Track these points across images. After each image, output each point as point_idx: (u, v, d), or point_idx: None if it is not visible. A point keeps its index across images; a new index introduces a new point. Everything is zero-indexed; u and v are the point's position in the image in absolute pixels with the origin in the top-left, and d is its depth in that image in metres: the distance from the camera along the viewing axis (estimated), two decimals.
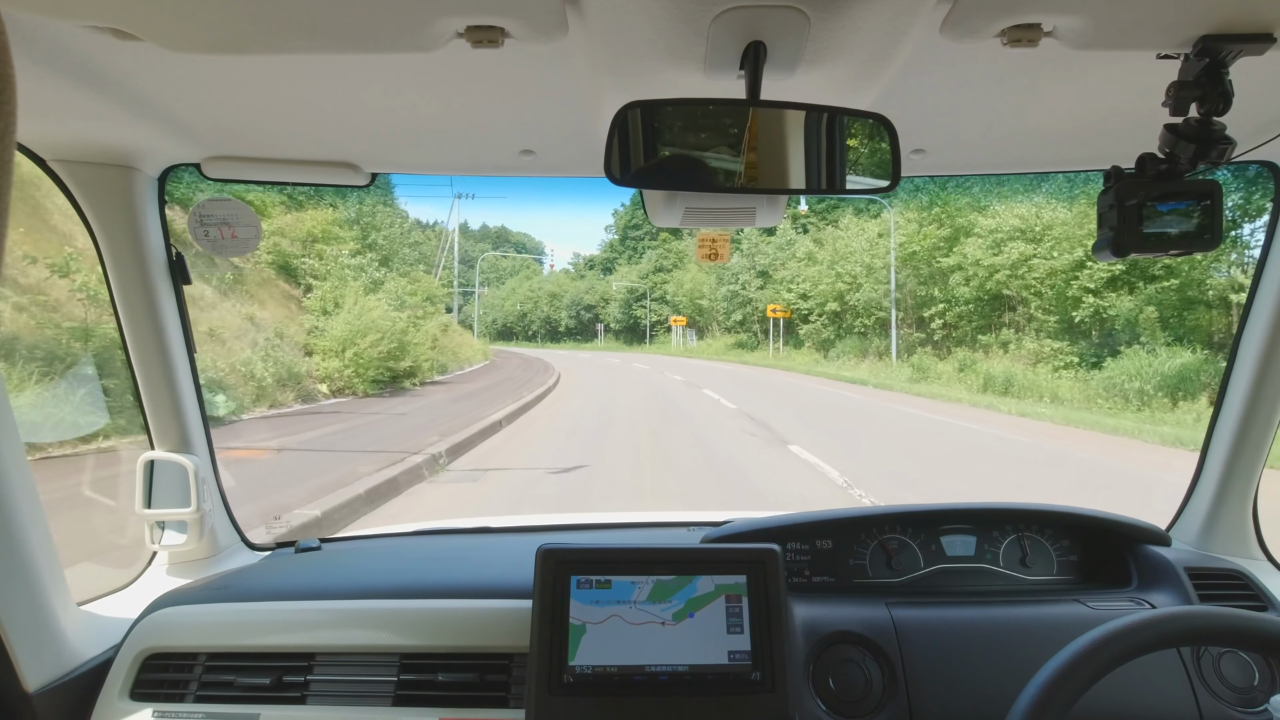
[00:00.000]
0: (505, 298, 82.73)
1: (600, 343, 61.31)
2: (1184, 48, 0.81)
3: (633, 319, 59.04)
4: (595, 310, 67.45)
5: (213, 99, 1.09)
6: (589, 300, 68.79)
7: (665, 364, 29.17)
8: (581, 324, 70.19)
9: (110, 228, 1.31)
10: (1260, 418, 1.40)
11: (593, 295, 68.51)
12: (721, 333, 44.30)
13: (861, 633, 1.19)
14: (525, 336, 75.99)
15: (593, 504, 6.24)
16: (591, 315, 68.13)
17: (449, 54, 0.85)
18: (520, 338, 76.24)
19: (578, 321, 70.43)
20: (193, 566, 1.50)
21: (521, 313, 77.74)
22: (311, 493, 5.51)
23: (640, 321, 57.96)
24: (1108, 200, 0.92)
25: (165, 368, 1.40)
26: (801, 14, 0.77)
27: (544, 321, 73.69)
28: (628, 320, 59.65)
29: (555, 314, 72.68)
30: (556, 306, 73.09)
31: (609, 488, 6.74)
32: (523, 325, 77.29)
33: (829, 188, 0.91)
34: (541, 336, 72.74)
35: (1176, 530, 1.58)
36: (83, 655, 1.16)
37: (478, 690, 1.14)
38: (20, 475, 1.03)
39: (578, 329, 70.40)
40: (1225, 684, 1.15)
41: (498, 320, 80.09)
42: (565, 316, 71.22)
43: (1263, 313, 1.36)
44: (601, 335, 63.76)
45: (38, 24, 0.81)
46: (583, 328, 69.86)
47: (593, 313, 67.89)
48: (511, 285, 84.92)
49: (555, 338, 70.62)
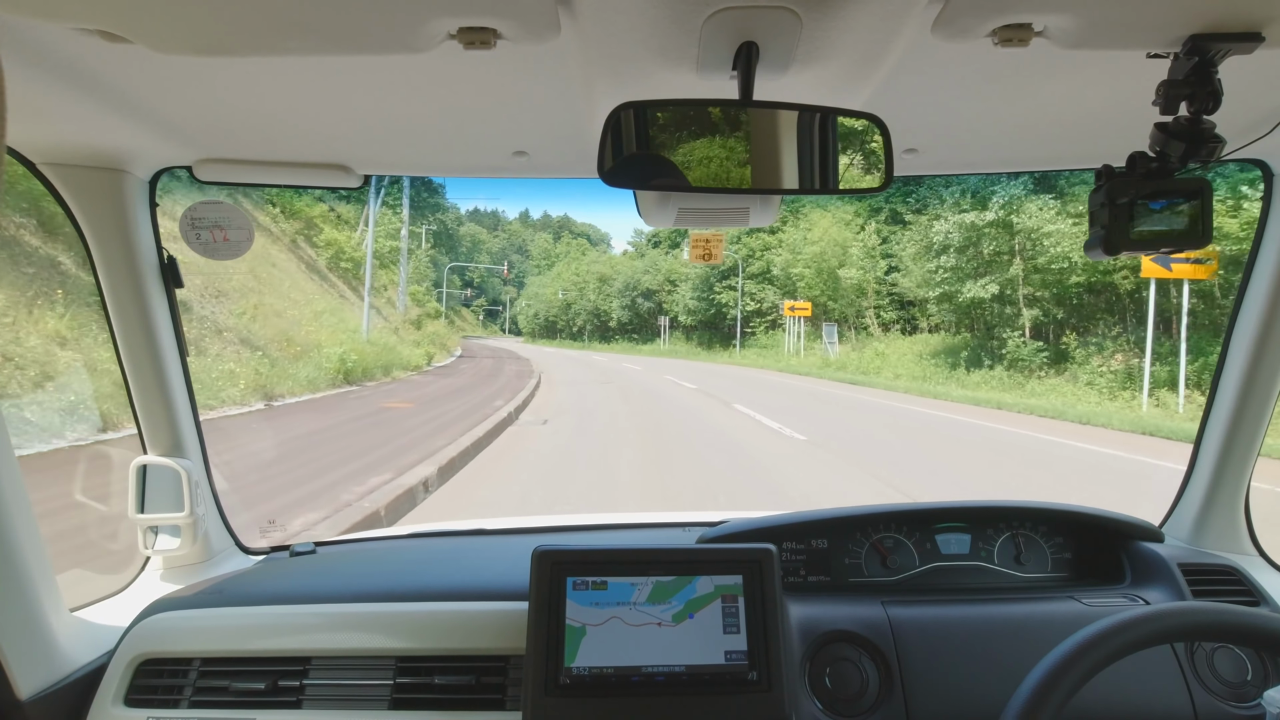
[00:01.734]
0: (547, 285, 70.39)
1: (665, 344, 45.10)
2: (1173, 47, 0.82)
3: (715, 308, 40.82)
4: (658, 297, 49.46)
5: (203, 101, 1.08)
6: (649, 283, 49.93)
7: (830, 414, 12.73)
8: (639, 317, 52.31)
9: (101, 231, 1.30)
10: (1251, 414, 1.41)
11: (654, 277, 49.62)
12: (898, 330, 26.65)
13: (857, 631, 1.19)
14: (570, 333, 62.91)
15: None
16: (653, 305, 50.02)
17: (441, 55, 0.85)
18: (564, 335, 64.13)
19: (634, 313, 52.27)
20: (186, 571, 1.49)
21: (565, 303, 63.72)
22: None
23: (725, 311, 39.70)
24: (1099, 199, 0.92)
25: (157, 371, 1.39)
26: (793, 14, 0.77)
27: (591, 314, 57.89)
28: (706, 310, 41.56)
29: (604, 303, 55.64)
30: (605, 294, 55.77)
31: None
32: (567, 319, 63.65)
33: (821, 187, 0.91)
34: (589, 334, 58.61)
35: (1169, 526, 1.59)
36: (76, 662, 1.15)
37: (474, 693, 1.14)
38: (11, 480, 1.02)
39: (634, 324, 52.83)
40: (1219, 679, 1.16)
41: (540, 314, 69.18)
42: (617, 307, 53.36)
43: (1253, 309, 1.37)
44: (666, 334, 46.89)
45: (26, 26, 0.81)
46: (640, 323, 52.30)
47: (654, 301, 49.90)
48: (557, 270, 72.24)
49: (605, 335, 55.70)
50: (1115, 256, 0.94)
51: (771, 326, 36.08)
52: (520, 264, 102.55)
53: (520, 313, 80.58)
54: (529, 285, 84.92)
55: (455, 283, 71.78)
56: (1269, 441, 1.47)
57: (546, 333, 68.47)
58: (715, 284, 40.31)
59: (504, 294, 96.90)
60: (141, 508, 1.44)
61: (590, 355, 37.55)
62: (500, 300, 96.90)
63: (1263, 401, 1.40)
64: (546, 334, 68.18)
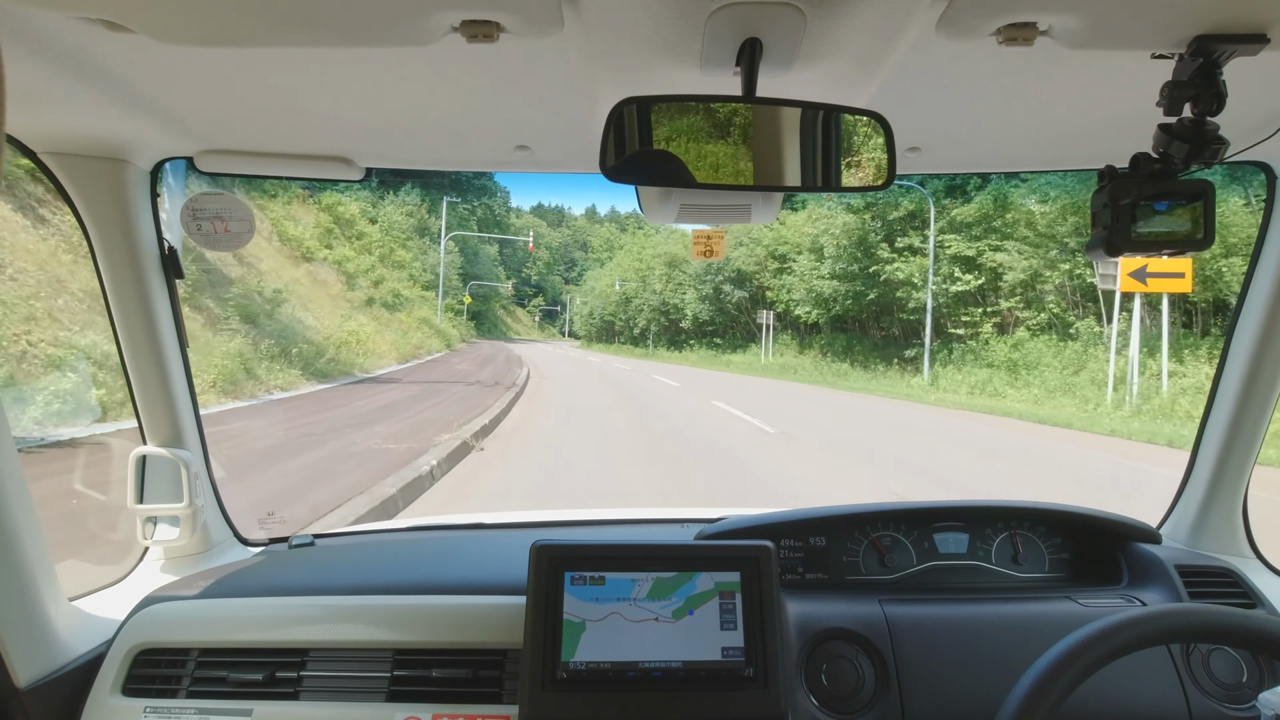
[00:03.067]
0: (603, 278, 57.42)
1: (767, 354, 28.74)
2: (1178, 48, 0.82)
3: (875, 288, 23.63)
4: (756, 282, 32.70)
5: (206, 92, 1.08)
6: (742, 262, 32.76)
7: None
8: (725, 314, 36.01)
9: (102, 221, 1.30)
10: (1251, 417, 1.41)
11: (750, 254, 32.02)
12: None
13: (854, 629, 1.19)
14: (629, 337, 48.61)
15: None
16: (747, 294, 33.62)
17: (444, 48, 0.85)
18: (623, 338, 50.39)
19: (717, 308, 35.90)
20: (185, 562, 1.49)
21: (623, 297, 48.47)
22: None
23: (896, 296, 22.98)
24: (1101, 199, 0.92)
25: (157, 362, 1.39)
26: (798, 11, 0.77)
27: (657, 310, 42.25)
28: (856, 293, 24.41)
29: (674, 295, 39.94)
30: (676, 283, 39.88)
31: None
32: (626, 317, 48.61)
33: (824, 185, 0.91)
34: (655, 337, 43.74)
35: (1167, 528, 1.59)
36: (74, 651, 1.15)
37: (471, 686, 1.14)
38: (10, 470, 1.02)
39: (719, 323, 36.76)
40: (1214, 681, 1.16)
41: (595, 312, 56.30)
42: (692, 299, 37.12)
43: (1255, 311, 1.37)
44: (769, 338, 29.50)
45: (29, 15, 0.81)
46: (727, 321, 36.37)
47: (750, 288, 33.45)
48: (617, 259, 59.08)
49: (676, 339, 41.05)
50: (1118, 256, 0.94)
51: (1002, 327, 20.05)
52: (582, 260, 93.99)
53: (577, 312, 69.48)
54: (585, 280, 75.31)
55: (500, 275, 65.75)
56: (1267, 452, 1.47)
57: (603, 335, 56.09)
58: (876, 245, 22.28)
59: (564, 293, 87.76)
60: (141, 498, 1.44)
61: (648, 372, 23.28)
62: (560, 299, 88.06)
63: (1262, 404, 1.39)
64: (603, 337, 55.93)
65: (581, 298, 69.22)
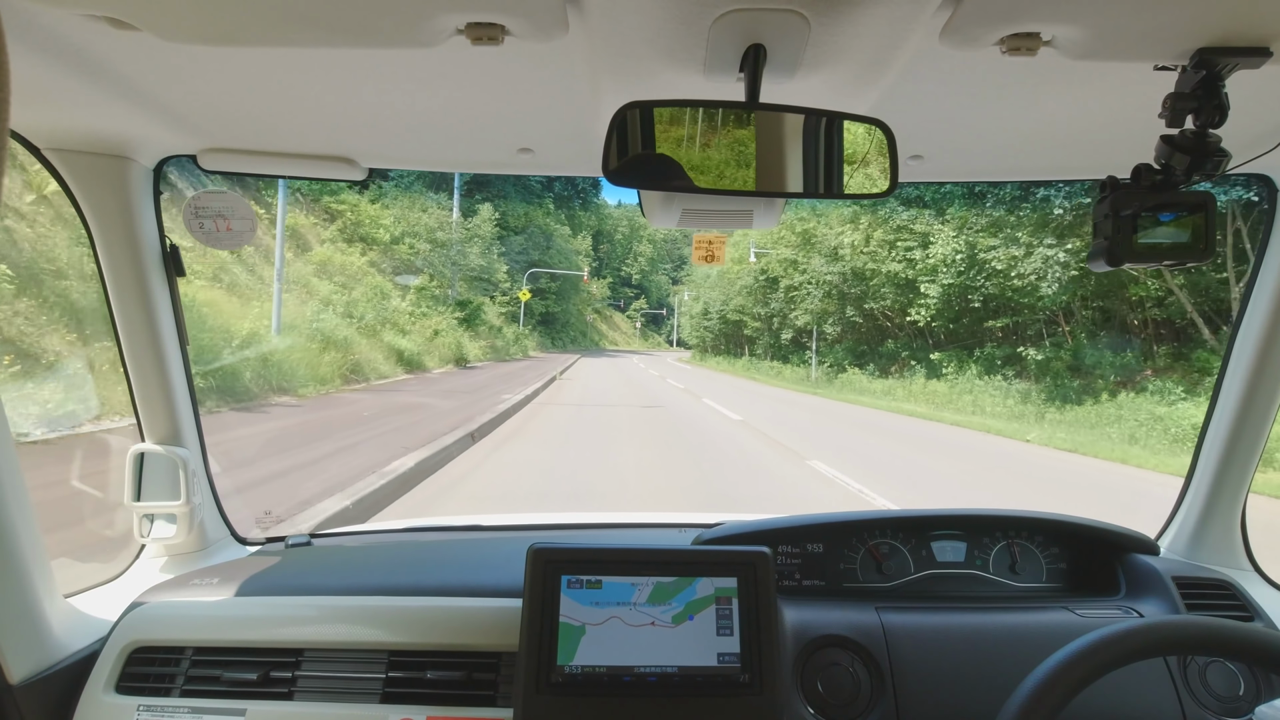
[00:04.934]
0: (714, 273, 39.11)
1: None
2: (1181, 59, 0.82)
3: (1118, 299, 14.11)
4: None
5: (210, 90, 1.08)
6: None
7: None
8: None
9: (104, 218, 1.30)
10: (1250, 429, 1.41)
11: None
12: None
13: (850, 637, 1.19)
14: (772, 347, 31.24)
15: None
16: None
17: (449, 50, 0.85)
18: (763, 347, 32.45)
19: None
20: (181, 560, 1.49)
21: (765, 281, 30.20)
22: None
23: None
24: (1103, 210, 0.92)
25: (157, 359, 1.39)
26: (802, 18, 0.77)
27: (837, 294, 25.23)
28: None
29: (881, 263, 22.66)
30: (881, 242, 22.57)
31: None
32: (765, 317, 30.75)
33: (826, 192, 0.91)
34: (832, 351, 26.77)
35: (1165, 540, 1.59)
36: (68, 648, 1.15)
37: (466, 688, 1.14)
38: (7, 466, 1.02)
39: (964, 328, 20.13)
40: (1211, 693, 1.16)
41: (712, 309, 39.56)
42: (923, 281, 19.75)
43: (1255, 323, 1.37)
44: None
45: (34, 11, 0.81)
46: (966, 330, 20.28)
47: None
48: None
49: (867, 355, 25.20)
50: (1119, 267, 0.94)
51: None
52: (679, 270, 75.25)
53: (685, 310, 54.78)
54: (694, 272, 56.59)
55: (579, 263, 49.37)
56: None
57: (727, 344, 39.62)
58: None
59: (670, 294, 73.71)
60: (138, 495, 1.44)
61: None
62: (666, 302, 74.90)
63: (1262, 417, 1.40)
64: (727, 346, 39.34)
65: (692, 291, 49.20)
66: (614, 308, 71.02)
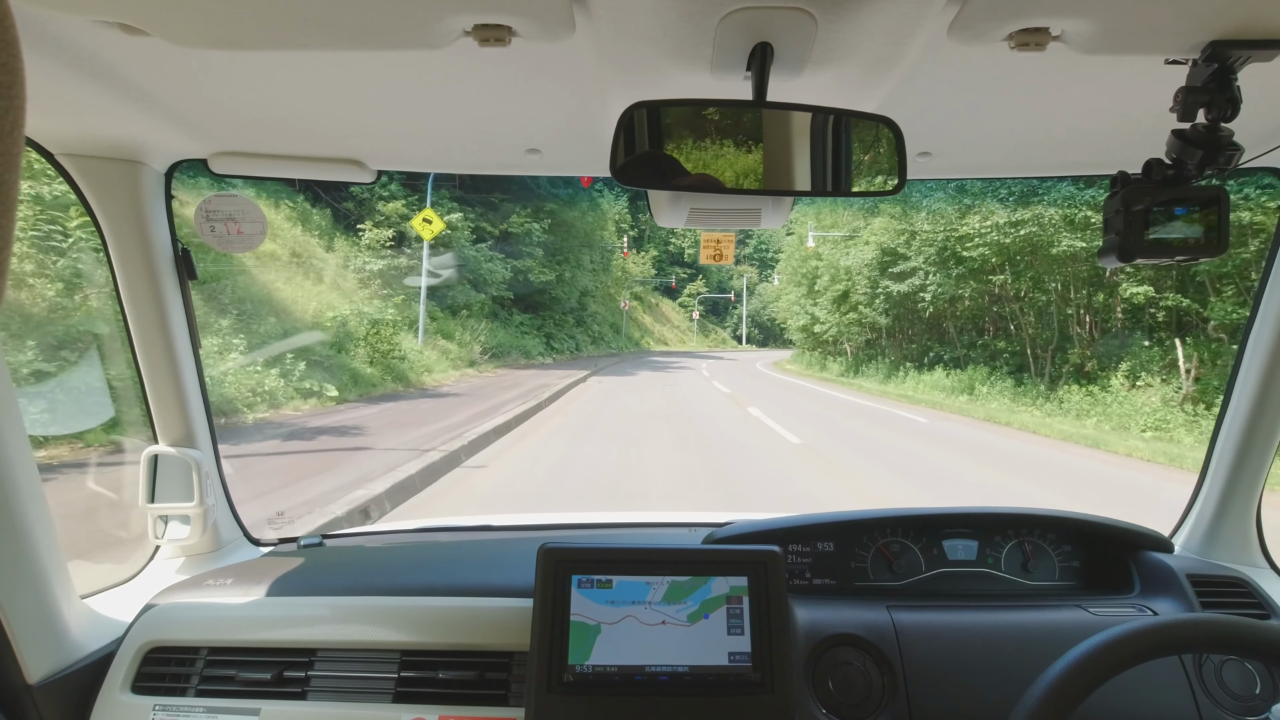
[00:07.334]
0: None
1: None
2: (1192, 53, 0.81)
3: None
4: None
5: (220, 94, 1.09)
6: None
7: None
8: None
9: (117, 222, 1.31)
10: (1265, 424, 1.39)
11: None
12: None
13: (862, 635, 1.18)
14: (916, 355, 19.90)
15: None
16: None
17: (456, 52, 0.86)
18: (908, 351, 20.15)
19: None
20: (196, 561, 1.50)
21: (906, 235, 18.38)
22: None
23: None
24: (1114, 205, 0.92)
25: (170, 362, 1.40)
26: (809, 15, 0.76)
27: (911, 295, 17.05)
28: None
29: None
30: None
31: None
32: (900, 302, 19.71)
33: (835, 190, 0.91)
34: (1049, 360, 14.58)
35: (1180, 537, 1.58)
36: (85, 648, 1.16)
37: (478, 688, 1.14)
38: (25, 468, 1.03)
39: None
40: (1227, 692, 1.15)
41: (803, 303, 27.49)
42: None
43: (1269, 318, 1.36)
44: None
45: (46, 18, 0.82)
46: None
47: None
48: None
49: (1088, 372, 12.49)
50: (1130, 263, 0.93)
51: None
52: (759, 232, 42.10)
53: (762, 296, 41.60)
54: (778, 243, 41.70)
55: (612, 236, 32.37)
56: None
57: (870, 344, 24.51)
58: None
59: (736, 275, 52.93)
60: (152, 497, 1.45)
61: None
62: (728, 285, 53.53)
63: (1277, 412, 1.38)
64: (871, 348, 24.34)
65: (783, 273, 34.25)
66: (661, 292, 48.90)
